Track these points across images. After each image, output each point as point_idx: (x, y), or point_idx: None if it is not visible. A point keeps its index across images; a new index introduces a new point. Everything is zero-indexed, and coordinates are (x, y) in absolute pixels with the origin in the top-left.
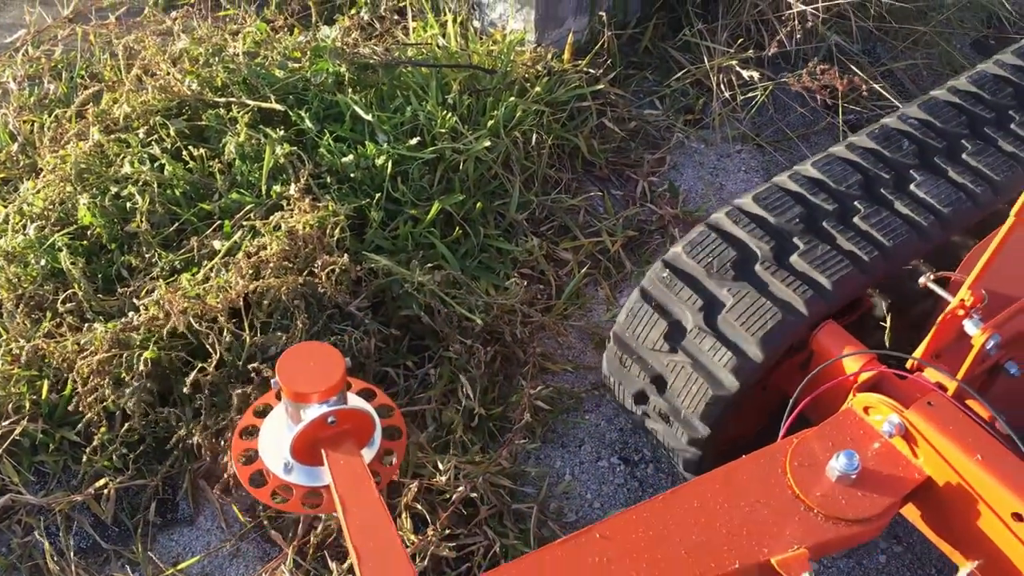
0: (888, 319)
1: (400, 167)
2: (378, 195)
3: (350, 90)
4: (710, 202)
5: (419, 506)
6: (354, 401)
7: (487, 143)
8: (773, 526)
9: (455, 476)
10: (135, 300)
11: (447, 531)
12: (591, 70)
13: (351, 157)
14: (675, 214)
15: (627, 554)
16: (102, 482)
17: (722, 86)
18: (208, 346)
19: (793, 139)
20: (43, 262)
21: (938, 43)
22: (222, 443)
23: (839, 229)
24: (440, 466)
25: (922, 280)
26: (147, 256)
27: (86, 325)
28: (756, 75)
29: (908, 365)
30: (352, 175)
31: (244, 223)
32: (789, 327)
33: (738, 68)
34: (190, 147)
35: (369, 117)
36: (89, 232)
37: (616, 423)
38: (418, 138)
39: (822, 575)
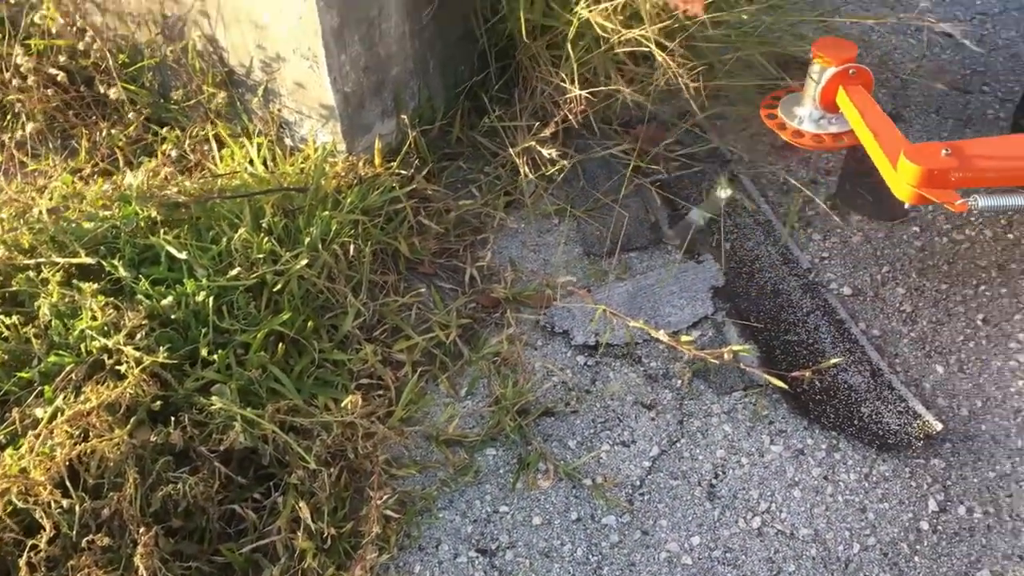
0: None
1: (224, 299)
2: (204, 330)
3: (163, 231)
4: (538, 277)
5: None
6: None
7: (305, 261)
8: None
9: None
10: None
11: None
12: (402, 171)
13: (170, 298)
14: (506, 295)
15: None
16: None
17: (527, 166)
18: (39, 520)
19: (606, 204)
20: None
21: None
22: None
23: None
24: None
25: None
26: None
27: None
28: (555, 153)
29: None
30: (174, 316)
31: (65, 386)
32: None
33: (538, 148)
34: (2, 316)
35: (184, 256)
36: None
37: (470, 515)
38: (238, 268)
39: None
